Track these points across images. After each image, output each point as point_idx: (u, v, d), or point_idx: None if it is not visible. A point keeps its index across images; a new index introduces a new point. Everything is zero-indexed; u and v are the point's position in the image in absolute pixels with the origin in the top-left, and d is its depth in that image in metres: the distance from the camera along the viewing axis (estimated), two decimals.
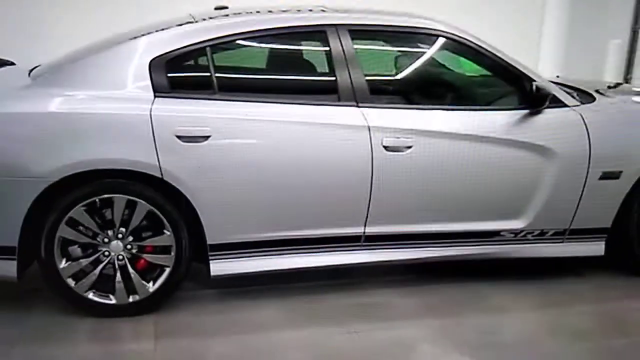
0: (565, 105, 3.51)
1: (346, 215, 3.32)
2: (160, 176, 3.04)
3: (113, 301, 3.17)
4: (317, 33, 3.33)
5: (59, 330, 3.05)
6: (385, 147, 3.23)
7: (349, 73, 3.27)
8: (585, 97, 3.73)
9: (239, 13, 3.45)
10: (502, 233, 3.55)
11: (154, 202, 3.08)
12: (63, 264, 3.08)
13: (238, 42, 3.27)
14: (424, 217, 3.42)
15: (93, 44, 3.48)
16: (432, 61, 3.63)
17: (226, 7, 3.75)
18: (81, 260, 3.10)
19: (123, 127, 3.01)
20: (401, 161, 3.26)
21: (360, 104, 3.26)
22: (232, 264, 3.26)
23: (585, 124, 3.48)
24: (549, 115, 3.45)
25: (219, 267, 3.25)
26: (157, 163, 3.01)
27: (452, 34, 3.43)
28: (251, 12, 3.44)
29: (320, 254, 3.37)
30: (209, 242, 3.19)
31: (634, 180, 3.57)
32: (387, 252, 3.44)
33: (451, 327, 3.22)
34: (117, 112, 3.02)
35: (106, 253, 3.12)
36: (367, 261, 3.43)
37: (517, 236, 3.58)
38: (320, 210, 3.28)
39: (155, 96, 3.07)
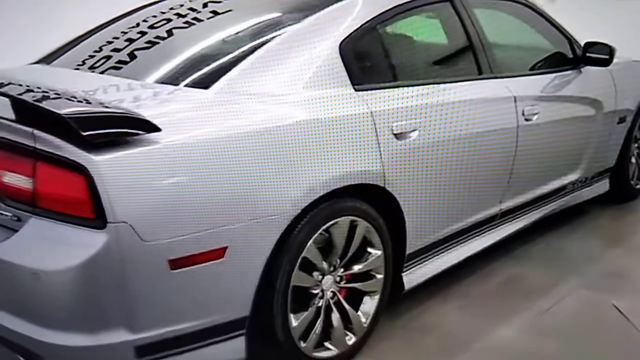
0: None
1: (494, 193, 3.19)
2: (382, 185, 2.50)
3: (334, 351, 2.52)
4: (446, 2, 3.05)
5: None
6: (525, 117, 3.17)
7: (482, 43, 3.10)
8: None
9: None
10: (567, 186, 3.80)
11: (370, 219, 2.53)
12: (295, 321, 2.33)
13: (398, 15, 2.80)
14: (539, 182, 3.49)
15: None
16: (524, 29, 3.63)
17: None
18: (307, 312, 2.39)
19: (349, 133, 2.39)
20: (533, 129, 3.24)
21: (497, 75, 3.13)
22: (421, 270, 2.88)
23: (613, 78, 3.92)
24: (594, 72, 3.77)
25: (410, 277, 2.83)
26: (382, 170, 2.48)
27: (531, 5, 3.51)
28: None
29: (473, 239, 3.18)
30: (408, 251, 2.75)
31: (630, 123, 4.16)
32: (511, 224, 3.42)
33: (606, 280, 3.36)
34: (339, 115, 2.38)
35: (319, 294, 2.46)
36: (501, 237, 3.35)
37: (574, 186, 3.87)
38: (484, 192, 3.11)
39: (355, 89, 2.48)
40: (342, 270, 2.52)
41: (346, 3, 2.65)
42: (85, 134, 1.77)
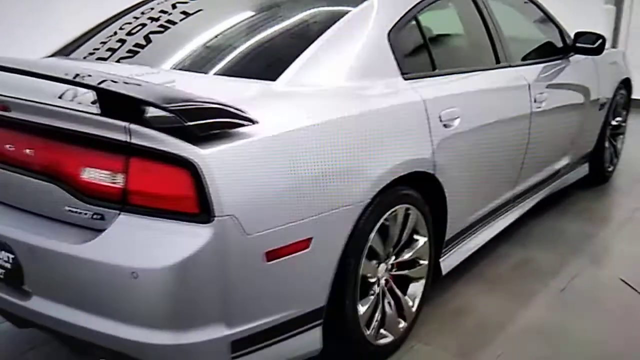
0: None
1: (512, 178, 3.31)
2: (432, 172, 2.55)
3: (390, 337, 2.55)
4: None
5: None
6: (536, 104, 3.30)
7: (498, 33, 3.21)
8: None
9: None
10: (560, 170, 3.98)
11: (420, 206, 2.57)
12: (362, 309, 2.35)
13: (432, 4, 2.84)
14: (543, 165, 3.65)
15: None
16: (522, 18, 3.75)
17: None
18: (370, 300, 2.42)
19: (409, 121, 2.44)
20: (542, 115, 3.38)
21: (510, 64, 3.24)
22: (455, 255, 2.97)
23: (596, 66, 4.12)
24: (582, 60, 3.97)
25: (447, 262, 2.90)
26: (432, 157, 2.53)
27: None
28: None
29: (493, 223, 3.30)
30: (447, 237, 2.82)
31: (607, 109, 4.39)
32: (520, 207, 3.57)
33: (607, 257, 3.58)
34: (401, 103, 2.42)
35: (376, 282, 2.49)
36: (512, 220, 3.49)
37: (564, 170, 4.06)
38: (505, 177, 3.24)
39: (404, 78, 2.52)
40: (393, 258, 2.56)
41: None
42: (190, 124, 1.73)
